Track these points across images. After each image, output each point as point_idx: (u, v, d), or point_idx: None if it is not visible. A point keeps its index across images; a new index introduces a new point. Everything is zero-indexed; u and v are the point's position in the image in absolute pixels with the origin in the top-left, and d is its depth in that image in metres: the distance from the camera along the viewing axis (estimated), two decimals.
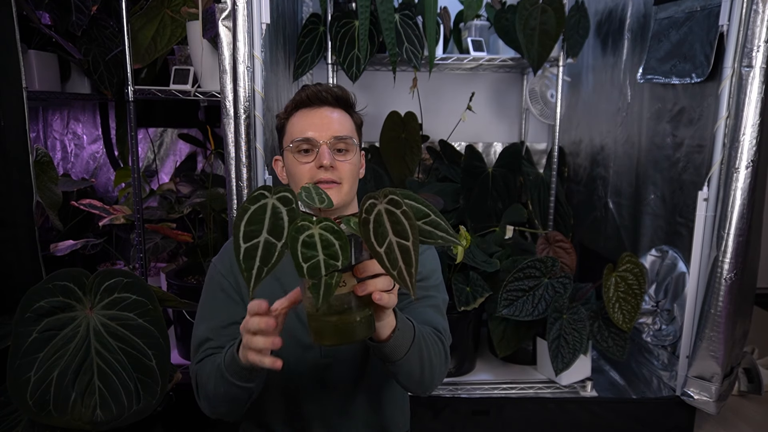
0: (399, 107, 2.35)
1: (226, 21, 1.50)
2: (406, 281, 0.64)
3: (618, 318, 1.81)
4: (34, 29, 1.98)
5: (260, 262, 0.63)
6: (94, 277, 1.29)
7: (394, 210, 0.64)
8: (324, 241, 0.64)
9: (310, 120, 1.05)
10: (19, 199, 1.53)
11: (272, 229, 0.64)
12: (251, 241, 0.63)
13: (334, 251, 0.63)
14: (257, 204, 0.65)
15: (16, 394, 1.20)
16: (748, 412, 2.07)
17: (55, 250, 1.90)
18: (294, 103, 1.08)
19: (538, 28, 2.10)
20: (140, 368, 1.28)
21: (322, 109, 1.07)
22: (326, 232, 0.64)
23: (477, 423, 1.84)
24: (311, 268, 0.63)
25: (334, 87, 1.09)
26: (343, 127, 1.06)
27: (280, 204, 0.65)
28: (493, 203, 2.24)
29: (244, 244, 0.63)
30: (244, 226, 0.64)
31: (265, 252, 0.63)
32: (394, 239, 0.64)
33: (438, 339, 1.02)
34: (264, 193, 0.66)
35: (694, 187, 1.75)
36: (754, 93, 1.54)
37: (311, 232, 0.64)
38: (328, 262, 0.63)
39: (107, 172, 2.62)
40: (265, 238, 0.64)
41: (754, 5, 1.50)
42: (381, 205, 0.65)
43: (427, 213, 0.70)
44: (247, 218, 0.64)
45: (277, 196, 0.66)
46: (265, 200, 0.65)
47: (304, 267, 0.63)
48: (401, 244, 0.64)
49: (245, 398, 0.95)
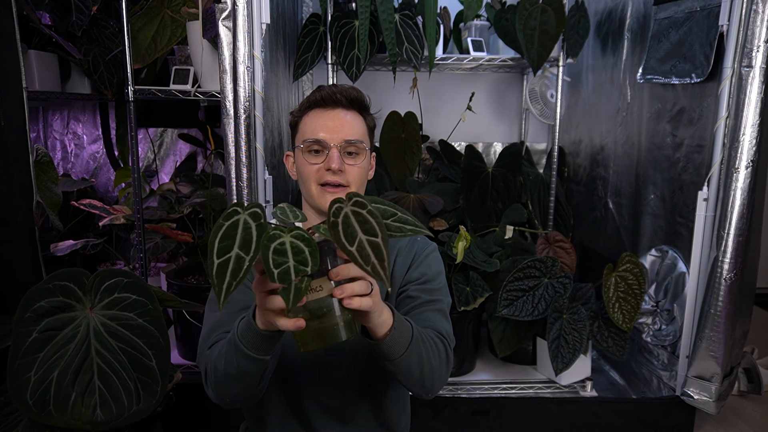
0: (399, 107, 2.35)
1: (226, 21, 1.50)
2: (381, 274, 0.67)
3: (618, 318, 1.81)
4: (34, 29, 1.98)
5: (230, 276, 0.66)
6: (94, 277, 1.29)
7: (360, 210, 0.69)
8: (294, 248, 0.67)
9: (323, 121, 1.06)
10: (19, 199, 1.53)
11: (242, 244, 0.67)
12: (223, 257, 0.66)
13: (304, 257, 0.66)
14: (230, 221, 0.68)
15: (16, 394, 1.20)
16: (748, 412, 2.07)
17: (55, 250, 1.90)
18: (308, 102, 1.08)
19: (538, 28, 2.10)
20: (140, 368, 1.28)
21: (336, 110, 1.07)
22: (297, 240, 0.67)
23: (477, 423, 1.84)
24: (282, 274, 0.66)
25: (350, 88, 1.08)
26: (354, 130, 1.06)
27: (251, 219, 0.69)
28: (493, 203, 2.24)
29: (217, 259, 0.66)
30: (218, 243, 0.67)
31: (236, 266, 0.66)
32: (363, 237, 0.68)
33: (440, 341, 1.02)
34: (237, 209, 0.70)
35: (694, 187, 1.75)
36: (753, 93, 1.54)
37: (282, 240, 0.67)
38: (298, 268, 0.66)
39: (107, 172, 2.62)
40: (236, 253, 0.67)
41: (754, 5, 1.50)
42: (347, 208, 0.69)
43: (394, 212, 0.75)
44: (221, 234, 0.68)
45: (249, 212, 0.69)
46: (238, 216, 0.69)
47: (275, 272, 0.65)
48: (371, 241, 0.68)
49: (258, 374, 0.90)
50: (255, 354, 0.85)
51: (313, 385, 1.08)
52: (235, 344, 0.87)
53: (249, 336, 0.85)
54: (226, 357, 0.90)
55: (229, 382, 0.91)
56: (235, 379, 0.90)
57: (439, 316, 1.08)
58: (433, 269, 1.13)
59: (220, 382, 0.93)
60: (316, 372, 1.07)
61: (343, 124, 1.05)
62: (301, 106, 1.10)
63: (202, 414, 1.83)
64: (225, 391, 0.94)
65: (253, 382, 0.91)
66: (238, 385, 0.92)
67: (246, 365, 0.87)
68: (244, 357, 0.86)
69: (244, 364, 0.87)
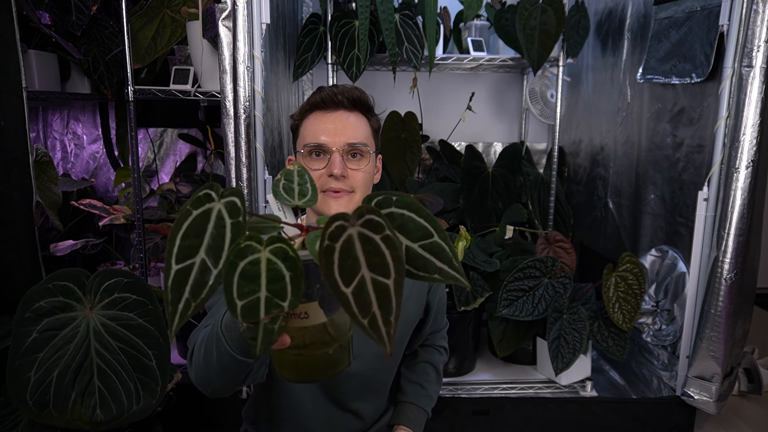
0: (399, 107, 2.35)
1: (226, 21, 1.50)
2: (381, 333, 0.46)
3: (618, 318, 1.81)
4: (34, 29, 1.98)
5: (189, 293, 0.47)
6: (94, 277, 1.29)
7: (372, 236, 0.46)
8: (271, 272, 0.48)
9: (324, 125, 1.01)
10: (19, 199, 1.53)
11: (211, 249, 0.48)
12: (185, 262, 0.47)
13: (282, 287, 0.47)
14: (201, 209, 0.48)
15: (16, 394, 1.20)
16: (748, 412, 2.07)
17: (55, 250, 1.90)
18: (309, 105, 1.04)
19: (538, 28, 2.10)
20: (140, 368, 1.28)
21: (338, 112, 1.02)
22: (277, 258, 0.48)
23: (477, 423, 1.84)
24: (247, 309, 0.47)
25: (352, 89, 1.03)
26: (357, 132, 1.02)
27: (226, 213, 0.49)
28: (493, 203, 2.24)
29: (176, 264, 0.47)
30: (179, 239, 0.47)
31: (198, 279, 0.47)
32: (368, 275, 0.46)
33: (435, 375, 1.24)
34: (210, 194, 0.49)
35: (694, 187, 1.75)
36: (754, 93, 1.54)
37: (257, 257, 0.48)
38: (272, 302, 0.47)
39: (107, 172, 2.62)
40: (201, 260, 0.47)
41: (754, 5, 1.50)
42: (353, 229, 0.46)
43: (429, 233, 0.51)
44: (185, 228, 0.47)
45: (225, 201, 0.49)
46: (210, 205, 0.49)
47: (238, 306, 0.47)
48: (378, 282, 0.46)
49: (241, 374, 0.81)
50: (238, 354, 0.75)
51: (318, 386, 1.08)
52: (218, 337, 0.76)
53: (233, 332, 0.74)
54: (206, 346, 0.81)
55: (211, 375, 0.82)
56: (216, 372, 0.81)
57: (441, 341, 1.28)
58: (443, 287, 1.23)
59: (201, 371, 0.84)
60: None
61: (346, 127, 1.01)
62: (302, 108, 1.05)
63: (202, 414, 1.83)
64: (206, 382, 0.85)
65: (236, 379, 0.82)
66: (218, 379, 0.82)
67: (227, 362, 0.77)
68: (226, 354, 0.76)
69: (225, 360, 0.77)
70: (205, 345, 0.81)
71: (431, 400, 1.22)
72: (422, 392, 1.21)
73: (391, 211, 0.51)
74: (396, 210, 0.51)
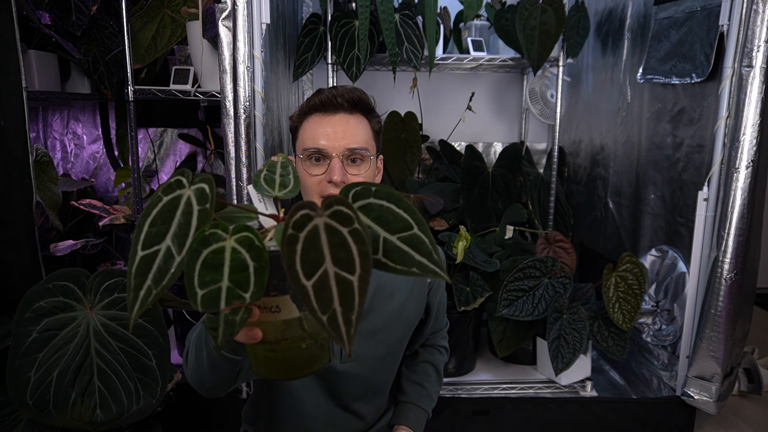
0: (399, 107, 2.35)
1: (226, 21, 1.50)
2: (341, 331, 0.43)
3: (618, 318, 1.81)
4: (34, 29, 1.98)
5: (152, 280, 0.46)
6: (94, 277, 1.29)
7: (339, 228, 0.44)
8: (234, 261, 0.46)
9: (323, 128, 0.98)
10: (19, 199, 1.53)
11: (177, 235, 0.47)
12: (150, 249, 0.46)
13: (245, 277, 0.46)
14: (170, 196, 0.48)
15: (16, 394, 1.20)
16: (748, 412, 2.07)
17: (55, 250, 1.90)
18: (308, 107, 1.01)
19: (538, 28, 2.10)
20: (140, 368, 1.28)
21: (337, 115, 0.99)
22: (242, 247, 0.47)
23: (477, 423, 1.84)
24: (207, 298, 0.46)
25: (352, 90, 1.00)
26: (358, 137, 0.98)
27: (195, 200, 0.48)
28: (493, 203, 2.24)
29: (141, 251, 0.46)
30: (147, 225, 0.47)
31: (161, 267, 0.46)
32: (331, 269, 0.44)
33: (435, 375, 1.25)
34: (181, 180, 0.48)
35: (694, 187, 1.75)
36: (754, 93, 1.54)
37: (221, 245, 0.47)
38: (234, 292, 0.46)
39: (107, 172, 2.62)
40: (167, 246, 0.46)
41: (754, 5, 1.50)
42: (320, 219, 0.45)
43: (409, 224, 0.49)
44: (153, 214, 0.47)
45: (195, 187, 0.48)
46: (180, 192, 0.48)
47: (198, 295, 0.46)
48: (341, 277, 0.44)
49: (231, 372, 0.81)
50: (226, 352, 0.75)
51: (319, 386, 1.08)
52: (206, 336, 0.77)
53: None
54: (196, 344, 0.82)
55: (203, 373, 0.83)
56: (207, 371, 0.81)
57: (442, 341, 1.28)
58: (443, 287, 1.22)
59: (194, 370, 0.85)
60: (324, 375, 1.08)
61: (345, 131, 0.97)
62: (301, 110, 1.02)
63: (202, 414, 1.83)
64: (200, 380, 0.85)
65: (227, 377, 0.83)
66: (210, 378, 0.83)
67: (216, 360, 0.78)
68: (215, 351, 0.76)
69: (214, 358, 0.77)
70: (195, 344, 0.82)
71: (432, 401, 1.22)
72: (423, 392, 1.21)
73: (370, 202, 0.50)
74: (375, 201, 0.50)
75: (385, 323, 1.06)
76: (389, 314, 1.06)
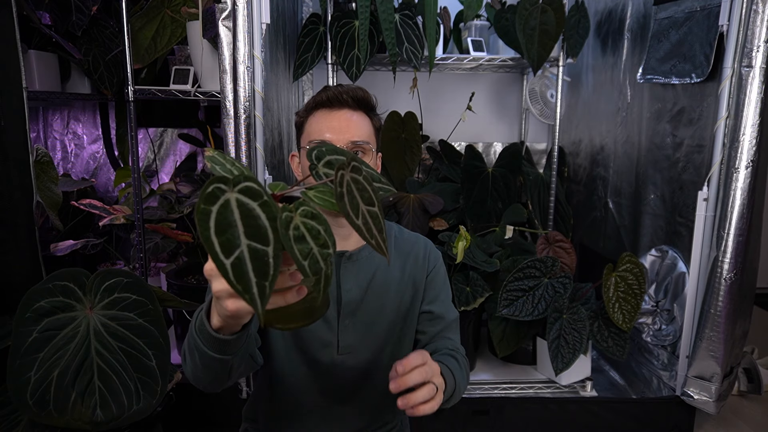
0: (399, 107, 2.35)
1: (226, 21, 1.50)
2: (382, 247, 0.57)
3: (618, 318, 1.81)
4: (34, 29, 1.98)
5: (257, 277, 0.49)
6: (94, 277, 1.29)
7: (358, 177, 0.57)
8: (310, 230, 0.55)
9: (329, 123, 1.05)
10: (19, 199, 1.53)
11: (252, 233, 0.50)
12: (233, 254, 0.49)
13: (323, 239, 0.55)
14: (218, 203, 0.50)
15: (16, 394, 1.20)
16: (748, 412, 2.07)
17: (55, 250, 1.90)
18: (314, 102, 1.07)
19: (538, 28, 2.10)
20: (140, 368, 1.28)
21: (342, 111, 1.06)
22: (307, 218, 0.56)
23: (477, 423, 1.84)
24: (313, 264, 0.54)
25: (356, 89, 1.07)
26: (361, 131, 1.06)
27: (248, 198, 0.51)
28: (493, 203, 2.24)
29: (225, 259, 0.48)
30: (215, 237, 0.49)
31: (257, 264, 0.49)
32: (364, 208, 0.57)
33: (464, 360, 1.09)
34: (221, 187, 0.51)
35: (694, 187, 1.75)
36: (753, 93, 1.54)
37: (295, 222, 0.55)
38: (323, 252, 0.55)
39: (107, 172, 2.62)
40: (248, 245, 0.49)
41: (754, 5, 1.50)
42: (348, 174, 0.56)
43: (378, 176, 0.67)
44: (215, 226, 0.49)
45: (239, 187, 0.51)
46: (226, 196, 0.50)
47: (306, 265, 0.53)
48: (371, 211, 0.57)
49: (224, 370, 0.82)
50: (214, 353, 0.77)
51: (319, 382, 1.08)
52: (194, 338, 0.78)
53: (205, 334, 0.75)
54: (188, 345, 0.83)
55: (197, 372, 0.84)
56: (201, 370, 0.83)
57: (456, 332, 1.16)
58: (444, 277, 1.19)
59: (190, 368, 0.87)
60: (325, 369, 1.08)
61: (349, 125, 1.05)
62: (307, 105, 1.09)
63: (202, 414, 1.83)
64: (196, 378, 0.87)
65: (221, 375, 0.84)
66: (205, 377, 0.85)
67: (208, 361, 0.79)
68: (205, 354, 0.78)
69: (206, 359, 0.79)
70: (188, 344, 0.84)
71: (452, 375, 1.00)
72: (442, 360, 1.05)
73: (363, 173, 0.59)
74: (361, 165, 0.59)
75: (378, 313, 1.08)
76: (383, 304, 1.08)
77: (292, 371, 1.07)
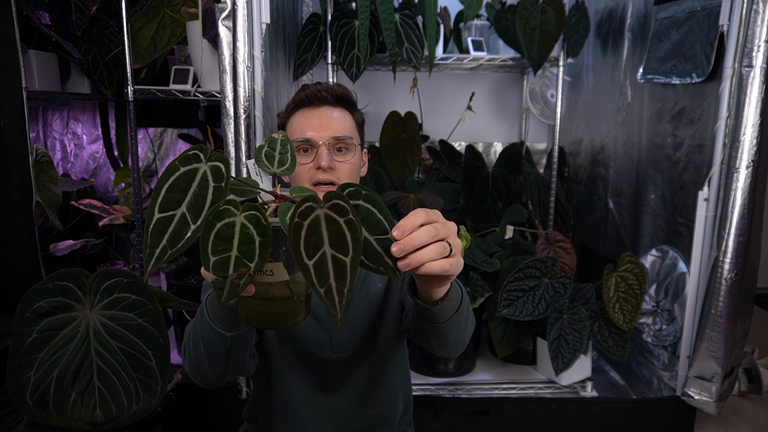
0: (399, 107, 2.35)
1: (226, 21, 1.50)
2: (334, 302, 0.53)
3: (618, 318, 1.81)
4: (34, 29, 1.98)
5: (167, 241, 0.53)
6: (94, 277, 1.29)
7: (336, 218, 0.53)
8: (243, 236, 0.54)
9: (310, 120, 1.06)
10: (19, 199, 1.53)
11: (192, 205, 0.54)
12: (167, 212, 0.54)
13: (251, 250, 0.54)
14: (188, 167, 0.54)
15: (16, 394, 1.20)
16: (748, 412, 2.07)
17: (55, 250, 1.90)
18: (294, 103, 1.09)
19: (538, 28, 2.10)
20: (140, 368, 1.28)
21: (322, 108, 1.07)
22: (250, 224, 0.54)
23: (477, 423, 1.84)
24: (218, 264, 0.54)
25: (335, 85, 1.09)
26: (342, 127, 1.06)
27: (211, 176, 0.55)
28: (493, 203, 2.24)
29: (158, 213, 0.53)
30: (164, 191, 0.54)
31: (177, 230, 0.53)
32: (329, 251, 0.53)
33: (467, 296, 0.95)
34: (198, 155, 0.55)
35: (695, 187, 1.75)
36: (754, 93, 1.54)
37: (232, 220, 0.54)
38: (240, 261, 0.54)
39: (107, 172, 2.62)
40: (182, 213, 0.54)
41: (754, 5, 1.50)
42: (321, 210, 0.53)
43: (386, 230, 0.59)
44: (171, 182, 0.54)
45: (211, 164, 0.55)
46: (197, 165, 0.55)
47: (211, 260, 0.54)
48: (337, 258, 0.53)
49: (222, 352, 0.84)
50: (218, 327, 0.81)
51: (316, 382, 1.08)
52: (202, 312, 0.83)
53: (213, 305, 0.81)
54: (194, 326, 0.87)
55: (198, 354, 0.87)
56: (201, 352, 0.86)
57: None
58: None
59: (190, 353, 0.89)
60: (322, 369, 1.08)
61: (330, 122, 1.06)
62: (288, 107, 1.10)
63: (202, 414, 1.83)
64: (197, 364, 0.89)
65: (218, 359, 0.86)
66: (204, 358, 0.87)
67: (209, 338, 0.83)
68: (209, 328, 0.82)
69: (208, 336, 0.83)
70: (193, 326, 0.87)
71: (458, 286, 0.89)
72: None
73: (359, 204, 0.58)
74: (363, 203, 0.59)
75: (368, 308, 1.07)
76: (369, 300, 1.08)
77: (289, 369, 1.07)
